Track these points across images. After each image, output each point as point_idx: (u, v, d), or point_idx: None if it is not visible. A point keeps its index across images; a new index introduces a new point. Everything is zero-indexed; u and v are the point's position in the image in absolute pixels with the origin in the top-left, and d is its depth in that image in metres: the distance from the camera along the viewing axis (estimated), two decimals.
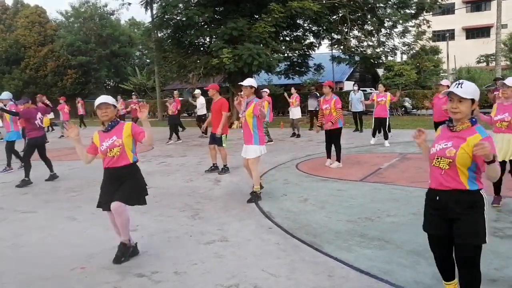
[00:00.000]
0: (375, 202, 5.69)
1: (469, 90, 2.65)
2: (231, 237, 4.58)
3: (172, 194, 6.54)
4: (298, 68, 24.22)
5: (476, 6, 47.07)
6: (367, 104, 14.51)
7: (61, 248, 4.49)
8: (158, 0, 21.88)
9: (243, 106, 6.08)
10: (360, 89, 16.77)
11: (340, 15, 21.36)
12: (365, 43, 23.14)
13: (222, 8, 20.65)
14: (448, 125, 2.80)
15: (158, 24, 21.54)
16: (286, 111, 16.51)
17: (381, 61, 24.27)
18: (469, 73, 34.54)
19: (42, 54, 38.93)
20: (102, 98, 3.92)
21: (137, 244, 4.19)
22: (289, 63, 23.90)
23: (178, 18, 20.24)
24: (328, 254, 3.96)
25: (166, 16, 20.20)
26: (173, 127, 14.75)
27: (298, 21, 21.52)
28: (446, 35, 40.34)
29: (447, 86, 8.24)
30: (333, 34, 22.89)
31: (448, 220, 2.73)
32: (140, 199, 4.08)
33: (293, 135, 14.53)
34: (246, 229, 4.84)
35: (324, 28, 21.71)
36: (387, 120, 11.35)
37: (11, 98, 9.78)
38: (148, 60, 44.34)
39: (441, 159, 2.72)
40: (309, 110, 16.77)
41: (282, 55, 20.88)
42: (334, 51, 25.13)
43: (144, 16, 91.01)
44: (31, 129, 8.26)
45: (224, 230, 4.83)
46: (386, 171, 7.79)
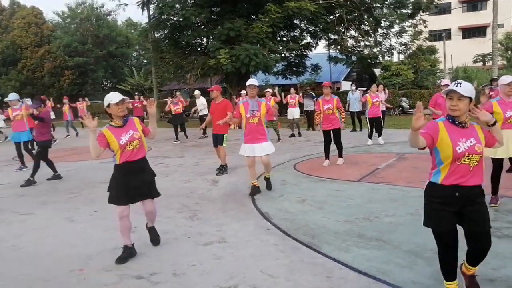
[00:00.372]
0: (373, 202, 5.70)
1: (468, 89, 2.78)
2: (229, 238, 4.59)
3: (170, 195, 6.53)
4: (295, 68, 24.22)
5: (472, 6, 47.21)
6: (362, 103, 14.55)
7: (60, 249, 4.49)
8: (155, 0, 21.86)
9: (252, 106, 6.32)
10: (358, 88, 16.79)
11: (337, 15, 21.40)
12: (362, 43, 23.20)
13: (219, 8, 20.65)
14: (455, 122, 2.87)
15: (155, 24, 21.52)
16: (284, 111, 16.47)
17: (378, 61, 24.35)
18: (465, 72, 34.60)
19: (39, 55, 38.87)
20: (118, 95, 4.01)
21: (133, 245, 4.20)
22: (286, 63, 23.90)
23: (175, 18, 20.22)
24: (327, 255, 3.97)
25: (163, 17, 20.17)
26: (177, 126, 14.80)
27: (295, 21, 21.52)
28: (443, 35, 40.39)
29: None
30: (330, 34, 22.91)
31: (455, 214, 2.86)
32: (156, 188, 4.37)
33: (292, 135, 14.53)
34: (244, 230, 4.85)
35: (321, 28, 21.73)
36: (381, 119, 11.63)
37: (19, 99, 9.86)
38: (145, 61, 44.27)
39: (472, 156, 2.81)
40: (305, 110, 16.78)
41: (279, 56, 20.89)
42: (331, 51, 25.15)
43: (141, 17, 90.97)
44: (47, 131, 8.59)
45: (222, 231, 4.84)
46: (384, 171, 7.81)
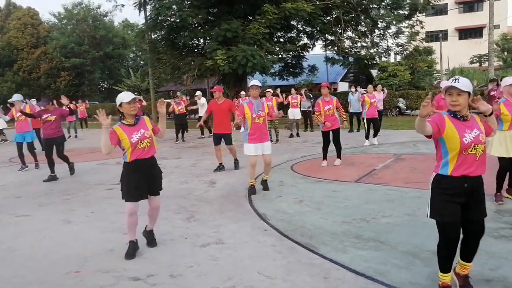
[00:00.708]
0: (370, 203, 5.70)
1: (466, 84, 2.91)
2: (226, 239, 4.58)
3: (167, 197, 6.50)
4: (292, 69, 24.26)
5: (468, 7, 47.42)
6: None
7: (56, 251, 4.47)
8: (152, 1, 21.84)
9: (257, 106, 6.48)
10: (358, 90, 16.80)
11: (334, 16, 21.42)
12: (359, 44, 23.24)
13: (216, 9, 20.64)
14: (457, 116, 2.98)
15: (151, 25, 21.51)
16: (284, 112, 16.44)
17: (375, 62, 24.39)
18: (462, 73, 34.73)
19: (35, 56, 38.74)
20: (130, 94, 4.10)
21: (137, 240, 4.29)
22: (283, 64, 23.92)
23: (172, 19, 20.19)
24: (324, 256, 3.97)
25: (160, 18, 20.16)
26: (180, 126, 14.81)
27: (292, 22, 21.55)
28: (439, 36, 40.54)
29: None
30: (327, 35, 22.95)
31: (461, 206, 2.97)
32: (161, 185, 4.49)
33: (291, 135, 14.53)
34: (241, 231, 4.84)
35: (318, 29, 21.76)
36: (377, 120, 11.76)
37: (23, 99, 9.87)
38: (142, 62, 44.26)
39: (477, 146, 2.93)
40: (302, 110, 16.77)
41: (276, 56, 20.92)
42: (328, 52, 25.20)
43: (138, 18, 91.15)
44: (59, 129, 8.70)
45: (219, 232, 4.82)
46: (381, 172, 7.82)
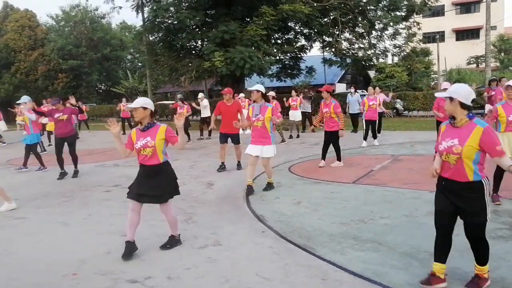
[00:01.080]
0: (368, 204, 5.70)
1: (450, 90, 3.07)
2: (224, 241, 4.57)
3: None
4: (290, 71, 24.31)
5: (465, 8, 47.61)
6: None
7: (53, 254, 4.45)
8: (149, 3, 21.85)
9: (255, 110, 6.54)
10: (357, 91, 16.82)
11: (331, 17, 21.51)
12: (356, 45, 23.34)
13: (214, 11, 20.69)
14: (450, 122, 3.15)
15: (149, 27, 21.52)
16: (285, 114, 16.45)
17: (372, 63, 24.51)
18: (459, 74, 34.86)
19: (33, 58, 38.69)
20: (138, 100, 4.14)
21: (134, 241, 4.29)
22: (281, 65, 23.97)
23: (170, 21, 20.25)
24: (322, 257, 3.96)
25: (158, 20, 20.17)
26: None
27: (289, 24, 21.62)
28: (436, 37, 40.64)
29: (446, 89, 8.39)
30: (324, 37, 23.03)
31: (452, 202, 3.12)
32: (172, 192, 4.34)
33: (290, 137, 14.52)
34: (239, 232, 4.83)
35: (316, 30, 21.82)
36: (376, 122, 11.93)
37: (31, 101, 9.89)
38: (139, 64, 44.25)
39: (449, 156, 3.08)
40: (302, 112, 16.75)
41: (273, 58, 20.95)
42: (325, 53, 25.26)
43: (135, 20, 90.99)
44: (71, 127, 8.81)
45: (217, 234, 4.81)
46: (379, 173, 7.82)
